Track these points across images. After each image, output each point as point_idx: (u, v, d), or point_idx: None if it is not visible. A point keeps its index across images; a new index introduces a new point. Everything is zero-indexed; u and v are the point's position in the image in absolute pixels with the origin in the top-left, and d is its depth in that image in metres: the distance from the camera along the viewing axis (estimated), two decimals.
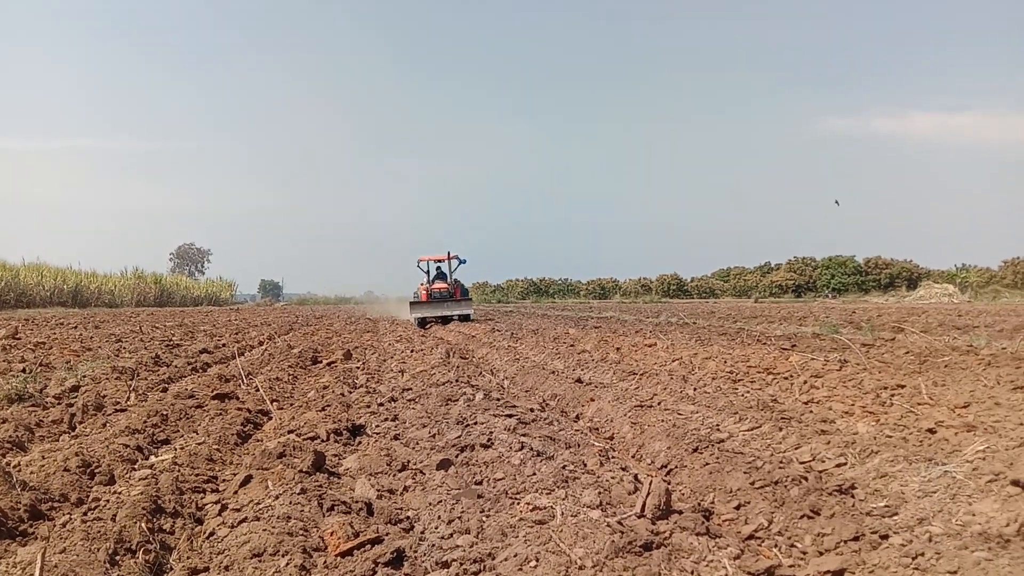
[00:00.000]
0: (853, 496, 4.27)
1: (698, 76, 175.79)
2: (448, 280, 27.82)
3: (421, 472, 4.94)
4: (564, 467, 4.53)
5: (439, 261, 28.53)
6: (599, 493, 4.00)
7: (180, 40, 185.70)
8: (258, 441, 6.13)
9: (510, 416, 6.09)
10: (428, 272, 28.43)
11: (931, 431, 5.30)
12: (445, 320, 25.96)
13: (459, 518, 3.90)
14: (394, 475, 4.96)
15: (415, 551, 3.55)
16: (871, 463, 4.72)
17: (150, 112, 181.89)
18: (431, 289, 27.16)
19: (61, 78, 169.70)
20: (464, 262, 28.36)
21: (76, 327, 20.62)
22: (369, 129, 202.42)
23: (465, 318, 26.03)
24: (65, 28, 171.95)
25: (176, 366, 10.65)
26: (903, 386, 6.66)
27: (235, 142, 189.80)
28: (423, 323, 25.80)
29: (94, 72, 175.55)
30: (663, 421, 6.32)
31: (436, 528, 3.86)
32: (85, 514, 3.76)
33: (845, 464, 4.88)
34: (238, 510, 3.98)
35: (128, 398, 7.59)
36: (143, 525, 3.64)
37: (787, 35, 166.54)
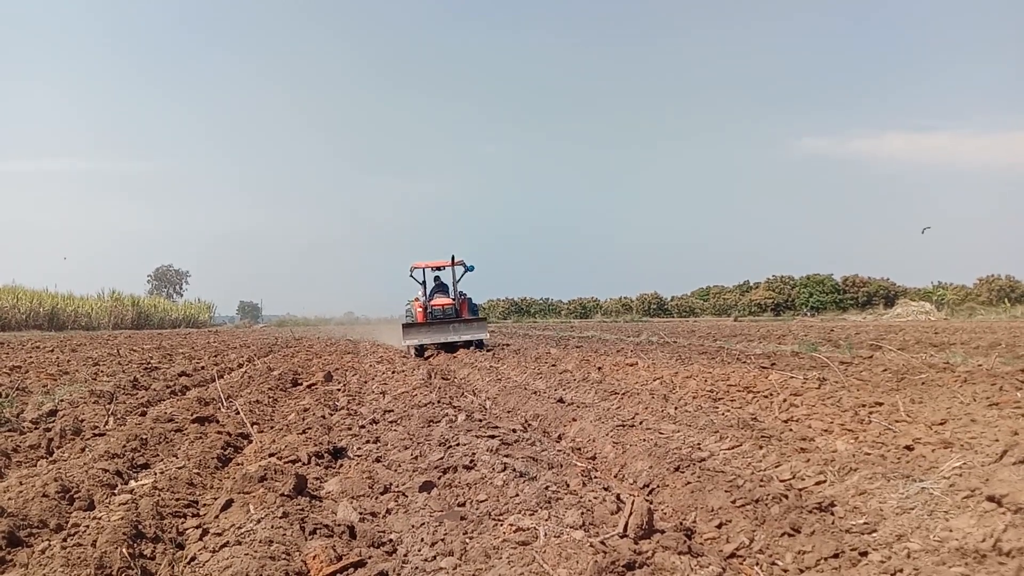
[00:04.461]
0: (833, 513, 4.31)
1: (678, 96, 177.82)
2: (452, 293, 20.81)
3: (404, 494, 4.93)
4: (547, 488, 4.54)
5: (438, 268, 21.39)
6: (582, 513, 4.01)
7: (158, 62, 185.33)
8: (239, 465, 6.09)
9: (492, 437, 6.09)
10: (424, 283, 21.19)
11: (909, 448, 5.37)
12: (451, 348, 19.10)
13: (442, 540, 3.90)
14: (376, 498, 4.94)
15: (398, 574, 3.55)
16: (850, 480, 4.77)
17: (127, 134, 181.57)
18: (430, 306, 20.16)
19: (37, 99, 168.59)
20: (471, 269, 20.85)
21: (53, 350, 20.37)
22: (348, 149, 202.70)
23: (478, 344, 19.08)
24: (42, 50, 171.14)
25: (155, 389, 10.54)
26: (881, 404, 6.75)
27: (213, 163, 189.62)
28: (421, 351, 19.22)
29: (70, 94, 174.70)
30: (645, 441, 6.34)
31: (419, 551, 3.86)
32: (64, 540, 3.73)
33: (824, 482, 4.92)
34: (219, 534, 3.96)
35: (106, 422, 7.51)
36: (124, 551, 3.61)
37: (767, 56, 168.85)
